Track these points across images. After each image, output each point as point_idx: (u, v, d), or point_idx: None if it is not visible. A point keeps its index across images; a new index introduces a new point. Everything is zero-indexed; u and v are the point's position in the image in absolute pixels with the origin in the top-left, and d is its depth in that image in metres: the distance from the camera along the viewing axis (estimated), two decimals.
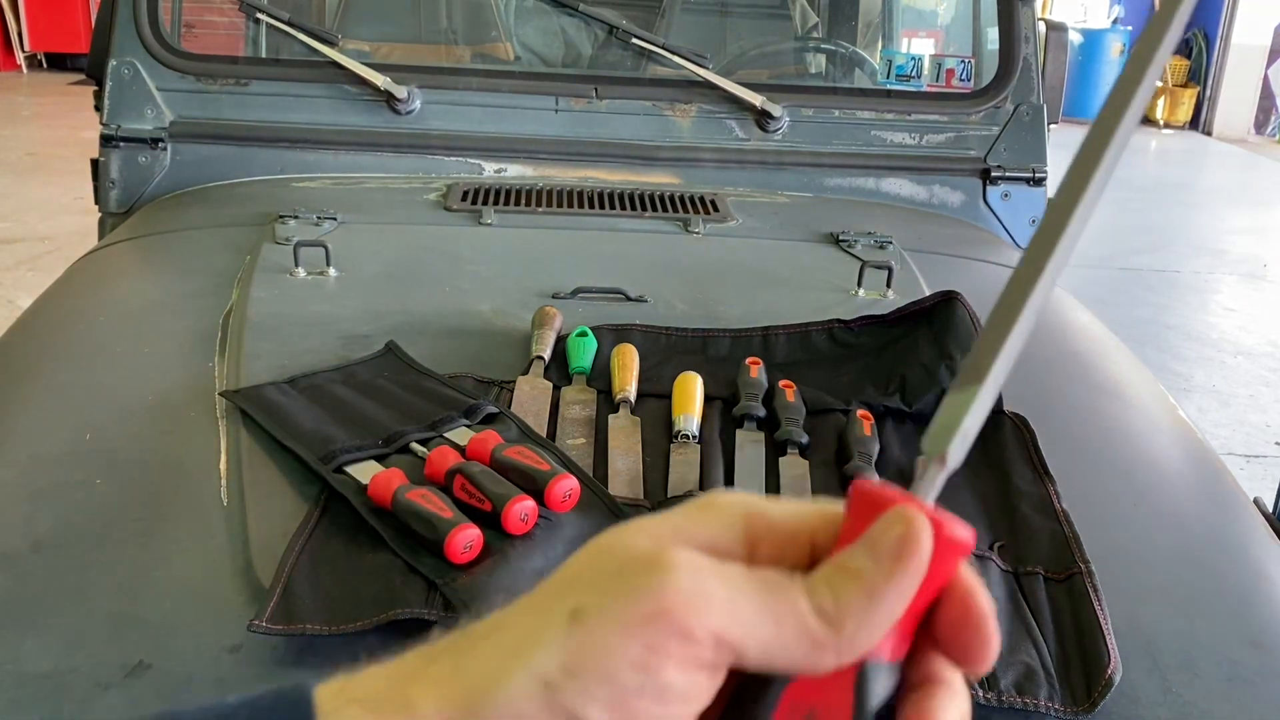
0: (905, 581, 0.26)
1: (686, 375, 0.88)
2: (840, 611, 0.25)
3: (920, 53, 2.01)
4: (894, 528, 0.26)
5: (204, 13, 1.69)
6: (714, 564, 0.26)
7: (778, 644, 0.25)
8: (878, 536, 0.26)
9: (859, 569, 0.26)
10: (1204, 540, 0.77)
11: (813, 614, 0.25)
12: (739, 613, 0.25)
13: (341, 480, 0.71)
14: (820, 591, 0.26)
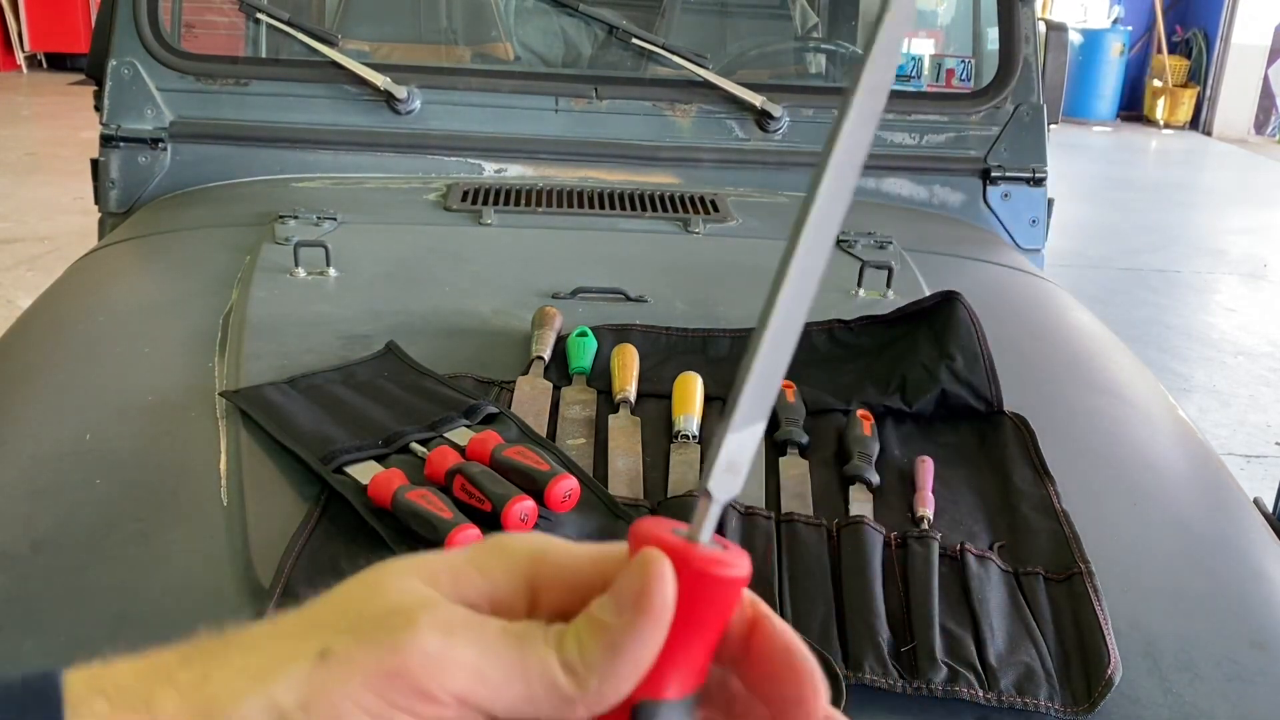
0: (648, 631, 0.25)
1: (686, 375, 0.88)
2: (586, 666, 0.25)
3: (920, 53, 2.01)
4: (634, 576, 0.26)
5: (204, 13, 1.69)
6: (466, 623, 0.25)
7: (526, 701, 0.25)
8: (621, 586, 0.26)
9: (603, 621, 0.26)
10: (1204, 540, 0.77)
11: (560, 670, 0.25)
12: (486, 674, 0.25)
13: (341, 480, 0.71)
14: (568, 646, 0.26)
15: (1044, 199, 1.56)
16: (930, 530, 0.69)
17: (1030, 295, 1.29)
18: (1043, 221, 1.56)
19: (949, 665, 0.58)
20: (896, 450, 0.82)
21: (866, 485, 0.76)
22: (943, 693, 0.57)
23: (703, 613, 0.26)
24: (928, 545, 0.67)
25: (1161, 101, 8.79)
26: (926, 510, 0.73)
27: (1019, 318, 1.17)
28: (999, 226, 1.55)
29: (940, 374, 0.88)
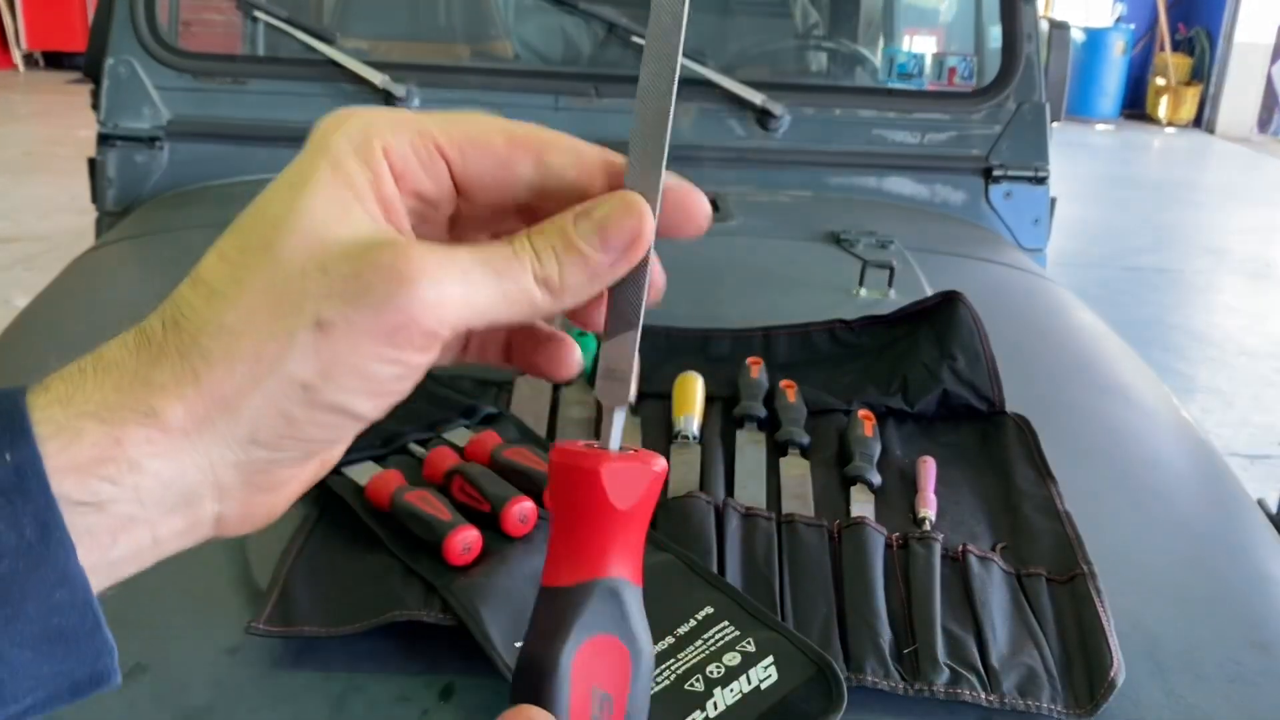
0: (625, 267, 0.29)
1: (687, 375, 0.87)
2: (563, 287, 0.28)
3: (922, 51, 2.01)
4: (623, 217, 0.28)
5: (201, 11, 1.69)
6: (444, 256, 0.27)
7: (505, 314, 0.28)
8: (609, 224, 0.28)
9: (588, 255, 0.28)
10: (1207, 541, 0.77)
11: (538, 286, 0.28)
12: (475, 303, 0.27)
13: (339, 482, 0.71)
14: (548, 265, 0.28)
15: (1046, 198, 1.55)
16: (932, 531, 0.69)
17: (1033, 295, 1.29)
18: (1045, 221, 1.56)
19: (951, 667, 0.57)
20: (898, 450, 0.81)
21: (868, 486, 0.76)
22: (944, 694, 0.56)
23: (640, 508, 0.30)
24: (929, 546, 0.67)
25: (1164, 100, 8.78)
26: (928, 511, 0.72)
27: (1021, 318, 1.17)
28: (1001, 226, 1.54)
29: (942, 374, 0.87)
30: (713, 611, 0.59)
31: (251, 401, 0.26)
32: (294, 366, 0.26)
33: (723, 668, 0.55)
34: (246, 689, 0.55)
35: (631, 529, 0.30)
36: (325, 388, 0.26)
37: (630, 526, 0.30)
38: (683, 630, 0.58)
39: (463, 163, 0.29)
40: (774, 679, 0.54)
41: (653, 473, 0.30)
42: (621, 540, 0.30)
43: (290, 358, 0.26)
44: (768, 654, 0.55)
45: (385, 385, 0.27)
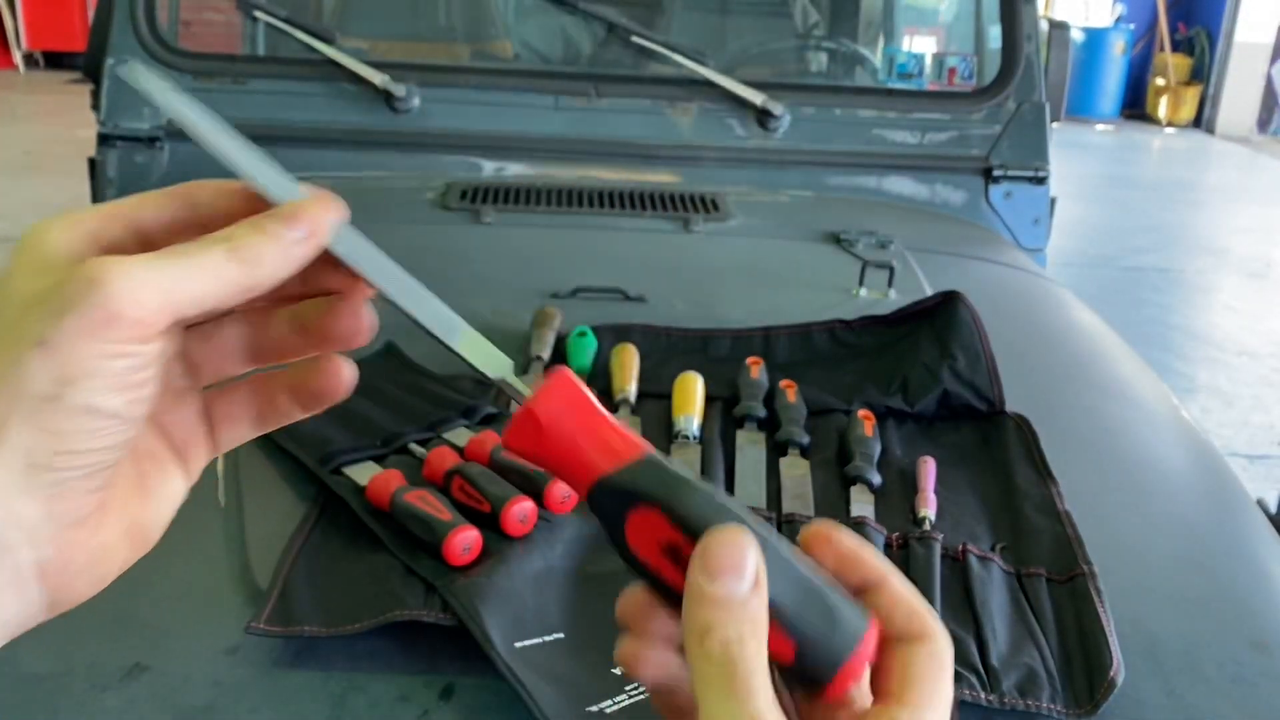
0: (310, 250, 0.31)
1: (687, 375, 0.87)
2: (259, 262, 0.31)
3: (922, 51, 2.01)
4: (314, 210, 0.32)
5: (201, 10, 1.69)
6: (139, 260, 0.29)
7: (206, 289, 0.30)
8: (292, 212, 0.32)
9: (275, 235, 0.31)
10: (1207, 541, 0.77)
11: (233, 265, 0.30)
12: (173, 287, 0.29)
13: (339, 482, 0.71)
14: (243, 245, 0.30)
15: (1046, 198, 1.55)
16: (932, 531, 0.69)
17: (1032, 295, 1.29)
18: (1045, 220, 1.56)
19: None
20: (898, 450, 0.82)
21: (868, 486, 0.76)
22: None
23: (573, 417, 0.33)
24: (929, 546, 0.67)
25: (1164, 100, 8.78)
26: (928, 511, 0.72)
27: (1021, 317, 1.17)
28: (1001, 226, 1.54)
29: (942, 374, 0.87)
30: None
31: (11, 426, 0.28)
32: (32, 384, 0.28)
33: None
34: (246, 689, 0.55)
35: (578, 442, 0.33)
36: (69, 393, 0.28)
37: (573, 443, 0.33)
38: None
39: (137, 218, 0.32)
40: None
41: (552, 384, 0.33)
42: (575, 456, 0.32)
43: (26, 376, 0.28)
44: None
45: (126, 378, 0.29)
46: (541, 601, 0.61)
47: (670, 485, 0.31)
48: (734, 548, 0.29)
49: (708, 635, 0.29)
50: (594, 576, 0.64)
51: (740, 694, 0.28)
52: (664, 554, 0.31)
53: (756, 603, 0.29)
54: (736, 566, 0.29)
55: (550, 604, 0.61)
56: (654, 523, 0.31)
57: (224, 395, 0.36)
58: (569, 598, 0.62)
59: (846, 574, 0.32)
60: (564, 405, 0.33)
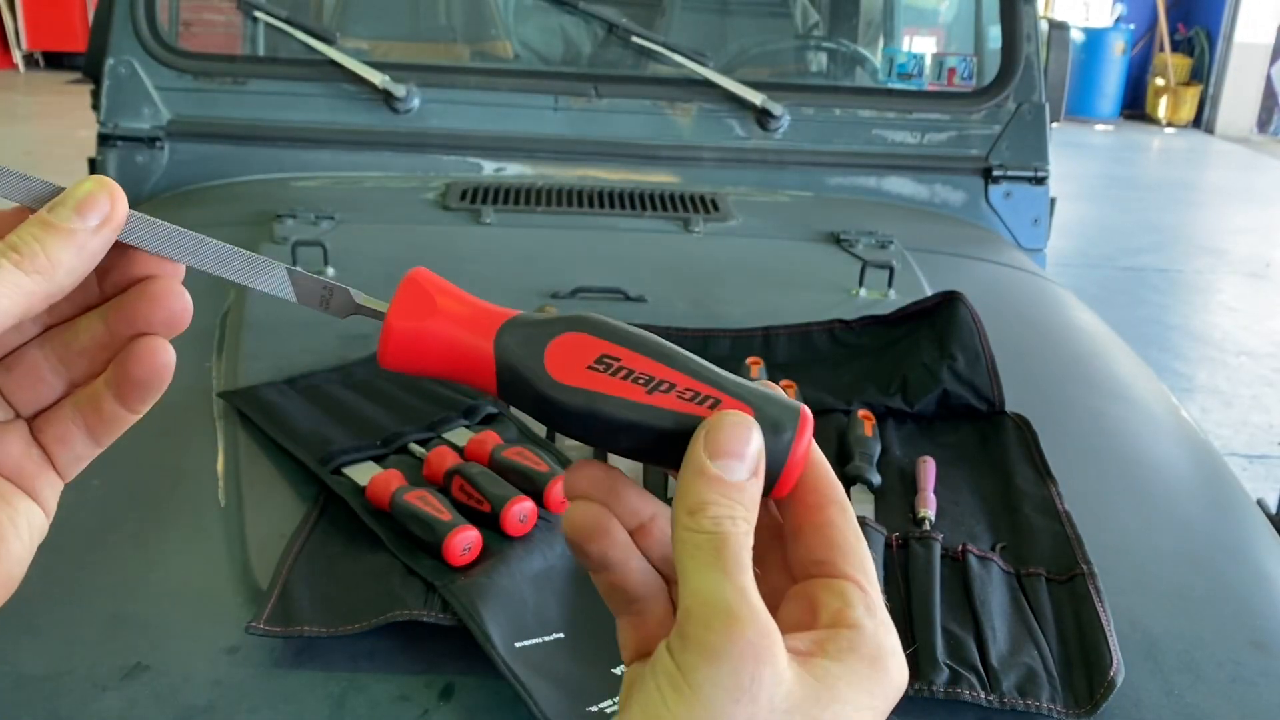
0: (109, 235, 0.30)
1: None
2: (54, 264, 0.29)
3: (922, 51, 2.01)
4: (99, 190, 0.30)
5: (201, 11, 1.69)
6: None
7: (6, 315, 0.28)
8: (83, 200, 0.30)
9: (68, 229, 0.29)
10: (1206, 541, 0.77)
11: (25, 274, 0.29)
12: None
13: (339, 482, 0.71)
14: (29, 252, 0.29)
15: (1046, 198, 1.55)
16: (932, 531, 0.69)
17: (1032, 295, 1.29)
18: (1045, 221, 1.56)
19: (950, 667, 0.58)
20: (898, 450, 0.82)
21: (868, 486, 0.76)
22: (944, 694, 0.56)
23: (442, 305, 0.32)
24: (929, 546, 0.67)
25: (1164, 100, 8.78)
26: (928, 511, 0.73)
27: (1021, 318, 1.17)
28: (1001, 226, 1.54)
29: (942, 374, 0.87)
30: None
31: None
32: None
33: None
34: (247, 688, 0.55)
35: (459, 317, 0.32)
36: None
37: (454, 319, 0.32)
38: None
39: None
40: None
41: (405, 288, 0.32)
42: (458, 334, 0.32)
43: None
44: None
45: None
46: (541, 601, 0.61)
47: (577, 314, 0.32)
48: (741, 431, 0.30)
49: (701, 510, 0.29)
50: None
51: (729, 568, 0.28)
52: (594, 369, 0.31)
53: (753, 488, 0.30)
54: (739, 451, 0.30)
55: (550, 604, 0.61)
56: (577, 344, 0.31)
57: (47, 419, 0.33)
58: (569, 598, 0.62)
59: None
60: (425, 298, 0.32)
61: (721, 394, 0.31)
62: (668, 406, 0.31)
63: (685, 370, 0.31)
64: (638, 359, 0.31)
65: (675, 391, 0.31)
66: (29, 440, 0.33)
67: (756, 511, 0.30)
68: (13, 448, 0.33)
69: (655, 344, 0.31)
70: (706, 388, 0.31)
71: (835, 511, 0.33)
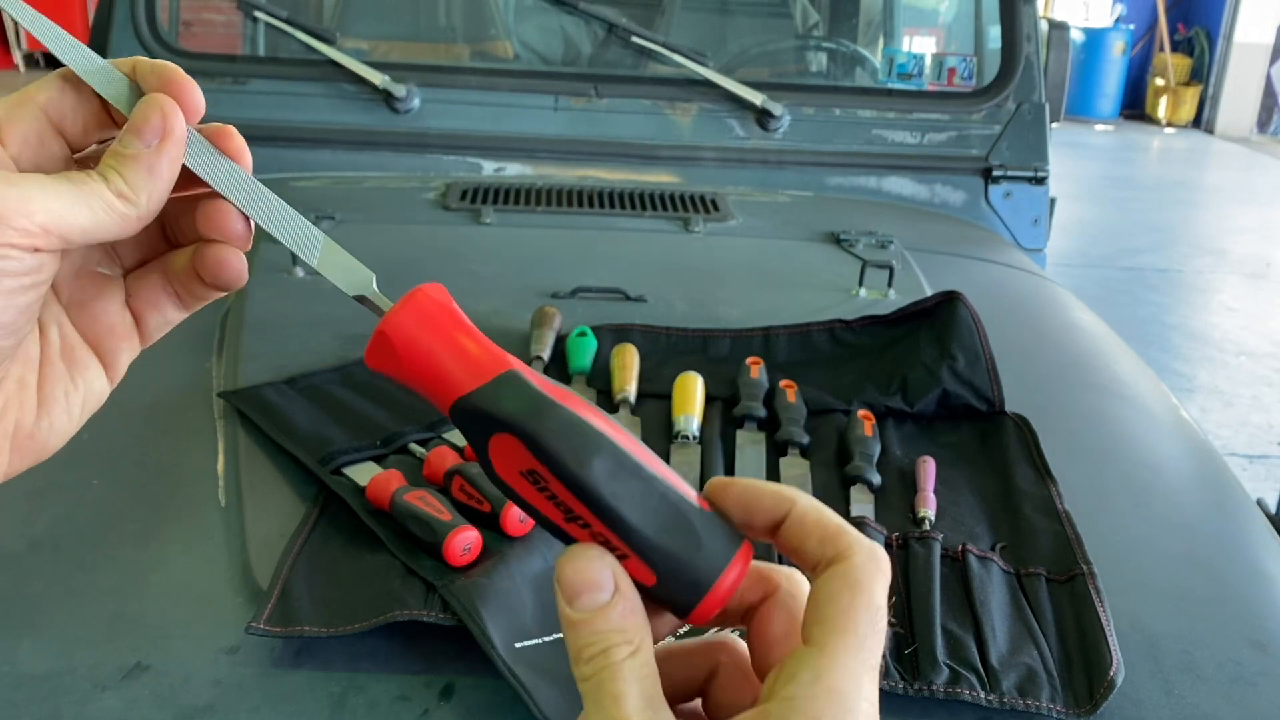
0: (173, 150, 0.32)
1: (687, 375, 0.87)
2: (133, 189, 0.32)
3: (922, 51, 2.01)
4: (149, 113, 0.32)
5: (201, 11, 1.69)
6: (33, 176, 0.31)
7: (94, 224, 0.31)
8: (139, 123, 0.32)
9: (135, 154, 0.32)
10: (1206, 541, 0.77)
11: (115, 197, 0.32)
12: (57, 208, 0.31)
13: (339, 482, 0.71)
14: (112, 179, 0.32)
15: (1046, 198, 1.55)
16: (932, 531, 0.69)
17: (1032, 295, 1.29)
18: (1044, 221, 1.56)
19: (950, 666, 0.58)
20: (898, 450, 0.82)
21: (868, 486, 0.76)
22: (944, 694, 0.56)
23: (432, 333, 0.32)
24: (929, 546, 0.67)
25: (1164, 100, 8.78)
26: (928, 511, 0.73)
27: (1021, 317, 1.17)
28: (1001, 226, 1.54)
29: (942, 374, 0.87)
30: None
31: None
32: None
33: None
34: (247, 688, 0.55)
35: (436, 360, 0.31)
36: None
37: (431, 361, 0.31)
38: (682, 630, 0.58)
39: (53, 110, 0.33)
40: None
41: (413, 298, 0.32)
42: (433, 374, 0.32)
43: None
44: None
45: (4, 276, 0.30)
46: (541, 601, 0.61)
47: (529, 408, 0.30)
48: (584, 567, 0.30)
49: (579, 657, 0.30)
50: None
51: (619, 702, 0.29)
52: (525, 478, 0.30)
53: (620, 609, 0.30)
54: (592, 583, 0.30)
55: (550, 604, 0.61)
56: (513, 448, 0.30)
57: (140, 282, 0.36)
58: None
59: (753, 519, 0.32)
60: (424, 319, 0.32)
61: (629, 550, 0.30)
62: (580, 540, 0.30)
63: (600, 515, 0.30)
64: (559, 486, 0.30)
65: (590, 531, 0.30)
66: (123, 302, 0.36)
67: (635, 621, 0.30)
68: (111, 305, 0.36)
69: (575, 475, 0.30)
70: (617, 540, 0.30)
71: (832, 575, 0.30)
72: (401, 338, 0.31)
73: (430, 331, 0.31)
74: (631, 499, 0.30)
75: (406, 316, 0.32)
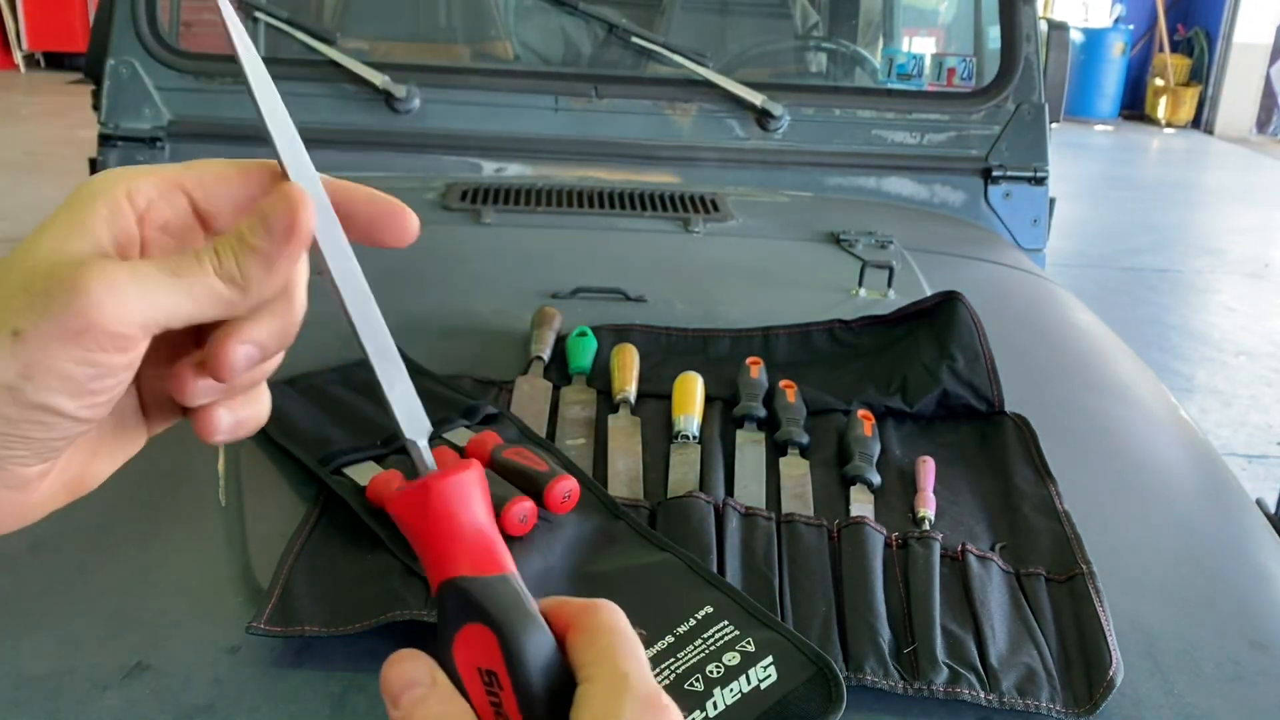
0: (295, 249, 0.32)
1: (686, 375, 0.87)
2: (245, 279, 0.31)
3: (921, 51, 2.01)
4: (280, 206, 0.31)
5: (202, 11, 1.69)
6: (122, 268, 0.30)
7: (197, 312, 0.31)
8: (269, 213, 0.31)
9: (256, 245, 0.31)
10: (1206, 541, 0.77)
11: (222, 281, 0.31)
12: (158, 302, 0.30)
13: (339, 482, 0.71)
14: (226, 261, 0.31)
15: (1045, 198, 1.56)
16: (931, 531, 0.69)
17: (1032, 295, 1.29)
18: (1044, 221, 1.56)
19: (950, 666, 0.58)
20: (897, 450, 0.82)
21: (867, 485, 0.76)
22: (944, 694, 0.56)
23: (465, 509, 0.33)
24: (929, 546, 0.67)
25: (1163, 100, 8.78)
26: (927, 511, 0.73)
27: (1020, 318, 1.17)
28: (1000, 226, 1.54)
29: (941, 374, 0.87)
30: (712, 611, 0.59)
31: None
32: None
33: (722, 667, 0.55)
34: (247, 688, 0.55)
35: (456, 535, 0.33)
36: (27, 388, 0.29)
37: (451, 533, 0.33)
38: (682, 630, 0.58)
39: (204, 195, 0.33)
40: (774, 679, 0.54)
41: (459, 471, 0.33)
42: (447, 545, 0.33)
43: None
44: (767, 654, 0.56)
45: (86, 385, 0.30)
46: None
47: (519, 615, 0.32)
48: (404, 670, 0.32)
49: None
50: (594, 576, 0.64)
51: None
52: (478, 674, 0.31)
53: (438, 696, 0.31)
54: (411, 681, 0.32)
55: None
56: (485, 644, 0.31)
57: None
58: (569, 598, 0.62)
59: (555, 628, 0.34)
60: (465, 493, 0.33)
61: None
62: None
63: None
64: (511, 701, 0.31)
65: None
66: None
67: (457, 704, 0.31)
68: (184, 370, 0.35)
69: (531, 703, 0.31)
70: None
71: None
72: (440, 500, 0.33)
73: (464, 507, 0.33)
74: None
75: (454, 484, 0.33)
